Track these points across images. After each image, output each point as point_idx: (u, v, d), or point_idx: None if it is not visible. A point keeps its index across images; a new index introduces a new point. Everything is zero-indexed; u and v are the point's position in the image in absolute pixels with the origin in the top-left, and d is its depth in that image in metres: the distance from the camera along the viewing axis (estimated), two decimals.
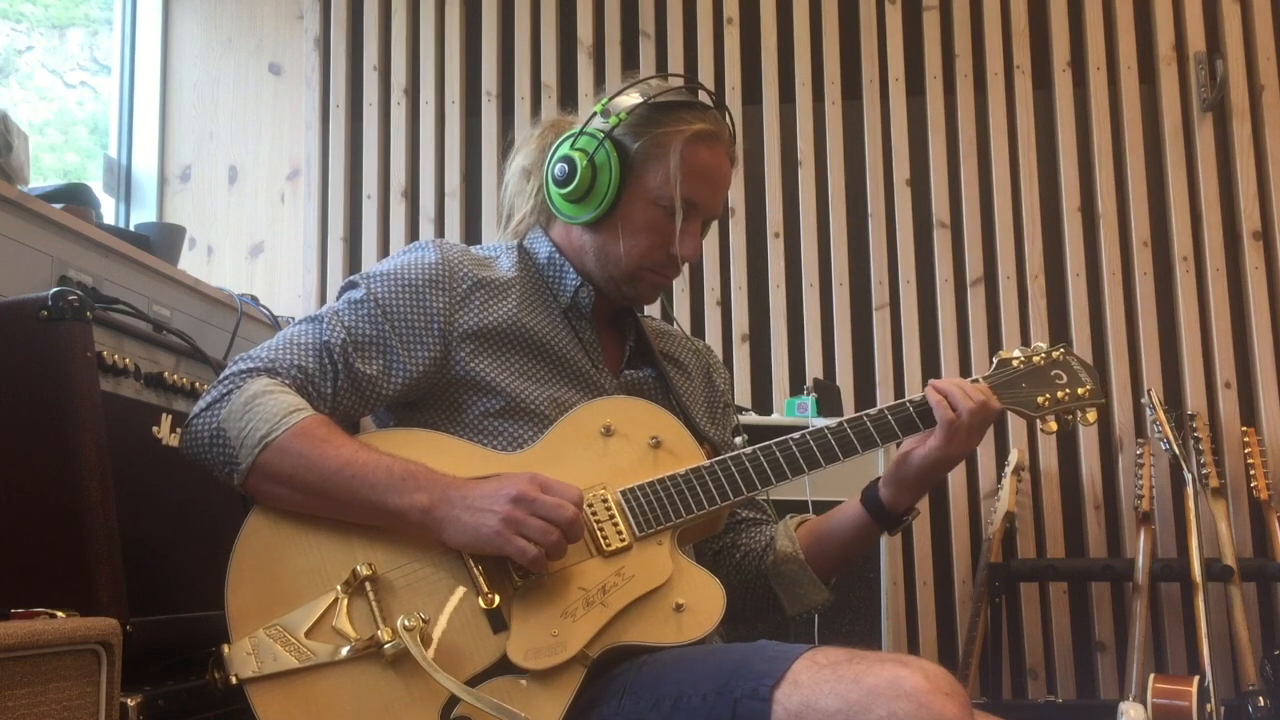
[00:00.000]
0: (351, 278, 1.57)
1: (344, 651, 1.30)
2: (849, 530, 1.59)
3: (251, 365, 1.44)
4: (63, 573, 1.36)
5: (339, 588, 1.34)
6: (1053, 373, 1.61)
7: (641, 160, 1.55)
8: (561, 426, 1.50)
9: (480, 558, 1.36)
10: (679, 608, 1.39)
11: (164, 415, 1.62)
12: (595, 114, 1.59)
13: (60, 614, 1.18)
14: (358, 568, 1.34)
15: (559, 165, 1.58)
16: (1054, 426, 1.60)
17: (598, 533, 1.41)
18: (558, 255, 1.63)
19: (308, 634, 1.31)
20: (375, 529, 1.38)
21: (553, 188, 1.59)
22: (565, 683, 1.32)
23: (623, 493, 1.44)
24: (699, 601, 1.39)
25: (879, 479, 1.57)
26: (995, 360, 1.62)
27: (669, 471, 1.47)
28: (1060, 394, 1.59)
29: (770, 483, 1.49)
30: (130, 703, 1.30)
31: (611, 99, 1.60)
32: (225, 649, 1.31)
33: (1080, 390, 1.60)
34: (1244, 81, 3.21)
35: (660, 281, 1.62)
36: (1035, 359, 1.62)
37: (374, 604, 1.33)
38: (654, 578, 1.39)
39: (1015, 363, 1.61)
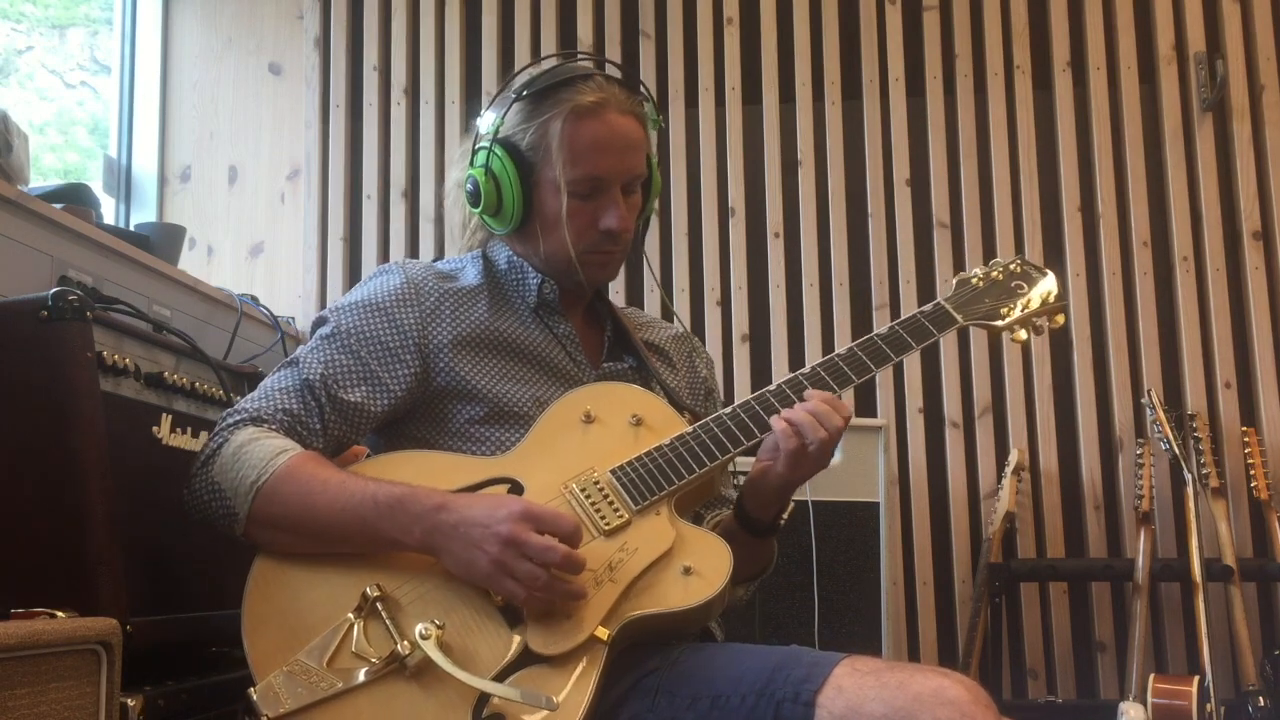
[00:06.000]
0: (321, 313, 1.58)
1: (367, 673, 1.31)
2: (734, 540, 1.57)
3: (238, 418, 1.46)
4: (63, 573, 1.36)
5: (351, 614, 1.35)
6: (1013, 284, 1.63)
7: (533, 154, 1.55)
8: (542, 424, 1.51)
9: None
10: (687, 570, 1.40)
11: (164, 415, 1.62)
12: (477, 128, 1.59)
13: (60, 614, 1.19)
14: (366, 590, 1.35)
15: (467, 186, 1.60)
16: (1023, 336, 1.61)
17: (595, 515, 1.42)
18: (516, 258, 1.64)
19: (329, 663, 1.32)
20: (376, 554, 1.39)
21: (472, 209, 1.61)
22: (589, 667, 1.32)
23: (612, 471, 1.46)
24: (705, 562, 1.40)
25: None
26: (955, 281, 1.63)
27: (653, 444, 1.48)
28: (1024, 301, 1.61)
29: (754, 435, 1.49)
30: (130, 703, 1.31)
31: (488, 106, 1.59)
32: (252, 693, 1.31)
33: (1043, 295, 1.62)
34: (1244, 81, 3.20)
35: (605, 259, 1.61)
36: (994, 274, 1.64)
37: (388, 622, 1.33)
38: (657, 546, 1.41)
39: (975, 280, 1.63)
